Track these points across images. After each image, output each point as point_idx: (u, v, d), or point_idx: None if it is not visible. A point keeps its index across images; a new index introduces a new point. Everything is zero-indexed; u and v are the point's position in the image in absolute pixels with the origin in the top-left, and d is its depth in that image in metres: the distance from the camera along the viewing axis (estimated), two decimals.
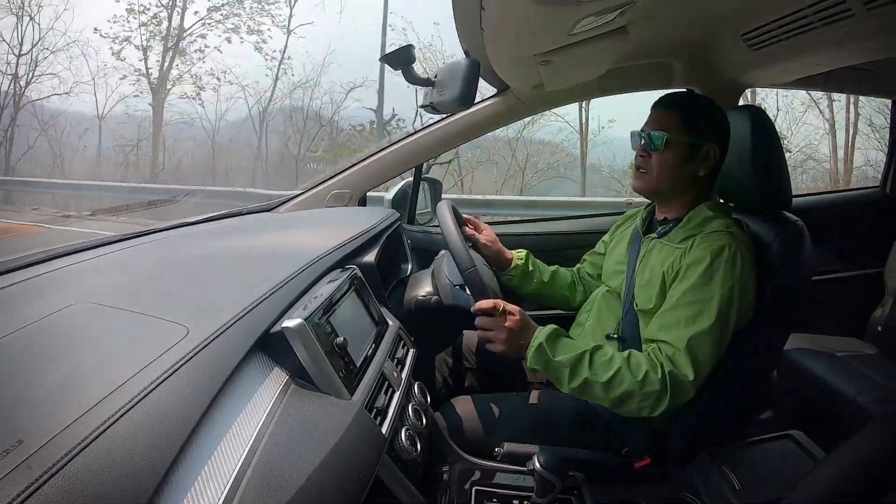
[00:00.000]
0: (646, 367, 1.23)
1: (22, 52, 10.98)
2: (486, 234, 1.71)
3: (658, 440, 1.38)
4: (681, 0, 1.43)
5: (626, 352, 1.28)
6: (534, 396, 1.50)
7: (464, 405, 1.50)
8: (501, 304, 1.29)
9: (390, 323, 1.28)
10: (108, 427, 0.56)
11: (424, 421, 1.13)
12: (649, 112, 1.46)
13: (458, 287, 1.39)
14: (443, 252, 1.49)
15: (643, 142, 1.42)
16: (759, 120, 1.44)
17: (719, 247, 1.27)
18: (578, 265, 1.84)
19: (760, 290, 1.31)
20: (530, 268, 1.73)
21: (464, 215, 1.65)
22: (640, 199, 1.57)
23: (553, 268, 1.79)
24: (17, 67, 11.01)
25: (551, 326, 1.30)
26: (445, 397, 1.53)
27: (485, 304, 1.29)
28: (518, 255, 1.73)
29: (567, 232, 2.31)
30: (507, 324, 1.27)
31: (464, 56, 1.56)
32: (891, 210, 2.43)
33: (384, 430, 0.97)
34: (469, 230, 1.67)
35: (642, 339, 1.35)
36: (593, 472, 1.36)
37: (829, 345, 2.17)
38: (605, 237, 1.76)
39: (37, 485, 0.48)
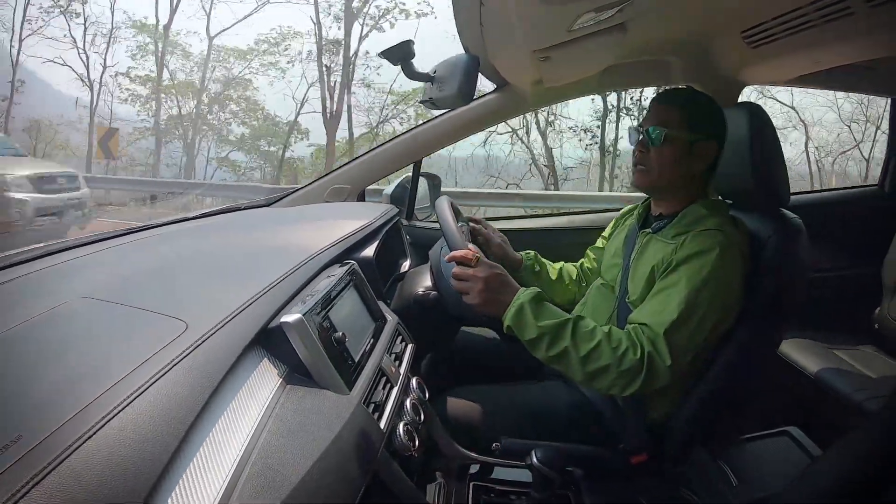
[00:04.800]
0: (626, 345, 1.22)
1: None
2: (497, 236, 1.72)
3: (655, 436, 1.38)
4: None
5: (607, 327, 1.27)
6: (530, 390, 1.50)
7: (461, 399, 1.50)
8: (477, 253, 1.29)
9: (389, 318, 1.28)
10: (107, 422, 0.56)
11: (422, 416, 1.13)
12: (648, 107, 1.46)
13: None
14: (437, 245, 1.49)
15: (641, 137, 1.42)
16: (758, 117, 1.44)
17: (710, 244, 1.27)
18: (582, 259, 1.85)
19: (757, 286, 1.32)
20: (538, 268, 1.75)
21: (471, 218, 1.66)
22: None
23: (559, 265, 1.81)
24: None
25: (535, 289, 1.29)
26: (443, 392, 1.53)
27: (458, 252, 1.29)
28: (527, 256, 1.75)
29: (568, 228, 2.32)
30: (483, 275, 1.26)
31: (463, 52, 1.56)
32: (889, 208, 2.43)
33: (382, 425, 0.96)
34: (475, 227, 1.68)
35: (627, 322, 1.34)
36: (591, 467, 1.36)
37: (827, 342, 2.18)
38: (605, 231, 1.77)
39: (37, 479, 0.48)
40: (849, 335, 2.27)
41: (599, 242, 1.79)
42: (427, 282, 1.47)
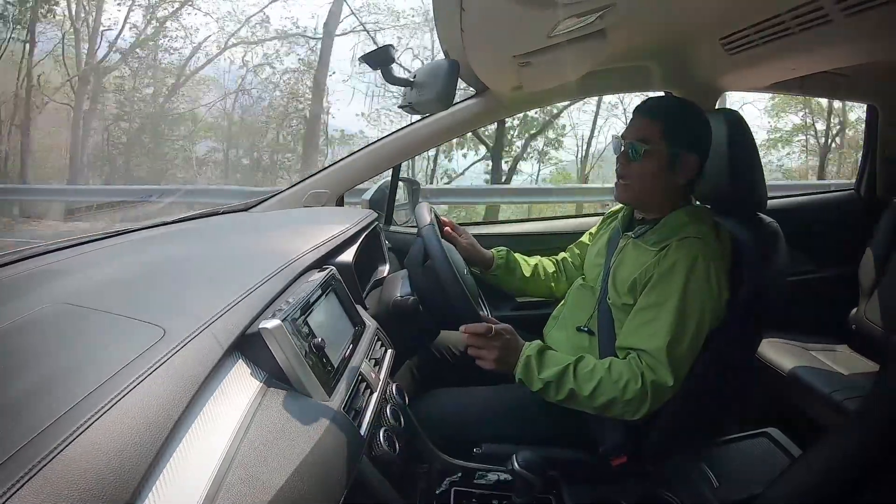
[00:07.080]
0: (627, 377, 1.27)
1: None
2: (465, 238, 1.73)
3: (634, 438, 1.38)
4: (659, 4, 1.44)
5: (607, 361, 1.32)
6: (509, 391, 1.50)
7: (441, 402, 1.50)
8: (492, 327, 1.33)
9: (368, 323, 1.27)
10: (84, 430, 0.56)
11: (402, 421, 1.13)
12: (631, 116, 1.47)
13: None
14: (414, 251, 1.48)
15: (622, 148, 1.43)
16: (735, 123, 1.46)
17: (692, 257, 1.29)
18: (563, 254, 1.88)
19: (735, 290, 1.33)
20: (511, 265, 1.77)
21: (441, 219, 1.65)
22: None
23: (534, 260, 1.83)
24: None
25: (537, 343, 1.37)
26: (423, 396, 1.53)
27: (476, 328, 1.32)
28: (499, 255, 1.76)
29: (548, 232, 2.33)
30: (497, 344, 1.33)
31: (443, 57, 1.56)
32: (865, 213, 2.47)
33: (362, 431, 0.96)
34: (448, 232, 1.68)
35: (618, 346, 1.37)
36: (572, 471, 1.37)
37: (805, 343, 2.21)
38: (593, 229, 1.79)
39: (14, 489, 0.48)
40: (825, 336, 2.30)
41: (586, 238, 1.81)
42: (406, 287, 1.47)
